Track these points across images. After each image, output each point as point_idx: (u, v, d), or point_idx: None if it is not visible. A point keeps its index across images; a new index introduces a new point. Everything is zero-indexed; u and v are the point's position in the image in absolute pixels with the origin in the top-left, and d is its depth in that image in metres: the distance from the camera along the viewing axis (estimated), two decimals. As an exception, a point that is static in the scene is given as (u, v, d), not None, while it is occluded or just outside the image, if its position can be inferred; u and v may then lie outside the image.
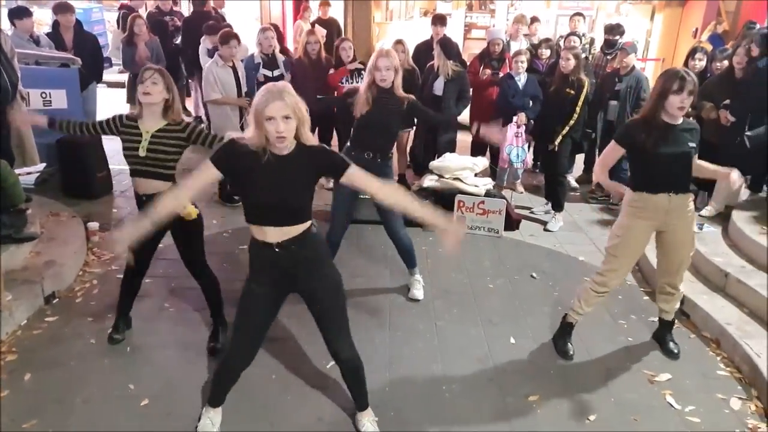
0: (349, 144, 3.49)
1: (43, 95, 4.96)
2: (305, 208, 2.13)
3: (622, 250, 2.91)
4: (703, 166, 2.92)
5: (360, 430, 2.50)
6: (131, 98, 5.97)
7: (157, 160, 2.69)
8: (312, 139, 2.09)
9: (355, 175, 2.09)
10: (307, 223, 2.15)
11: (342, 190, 3.50)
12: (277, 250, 2.11)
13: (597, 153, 5.57)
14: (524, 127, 4.97)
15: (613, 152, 2.88)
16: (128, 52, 5.86)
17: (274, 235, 2.10)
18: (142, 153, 2.67)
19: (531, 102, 5.01)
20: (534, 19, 6.57)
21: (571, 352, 3.11)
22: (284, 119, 1.95)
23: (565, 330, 3.17)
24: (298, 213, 2.11)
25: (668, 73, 2.73)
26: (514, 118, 4.98)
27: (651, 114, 2.74)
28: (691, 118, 2.91)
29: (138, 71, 4.91)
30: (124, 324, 3.10)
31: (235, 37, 4.65)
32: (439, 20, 5.70)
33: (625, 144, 2.81)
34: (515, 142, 5.06)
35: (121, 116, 2.78)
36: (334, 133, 5.38)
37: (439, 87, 4.99)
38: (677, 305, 3.17)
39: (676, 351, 3.14)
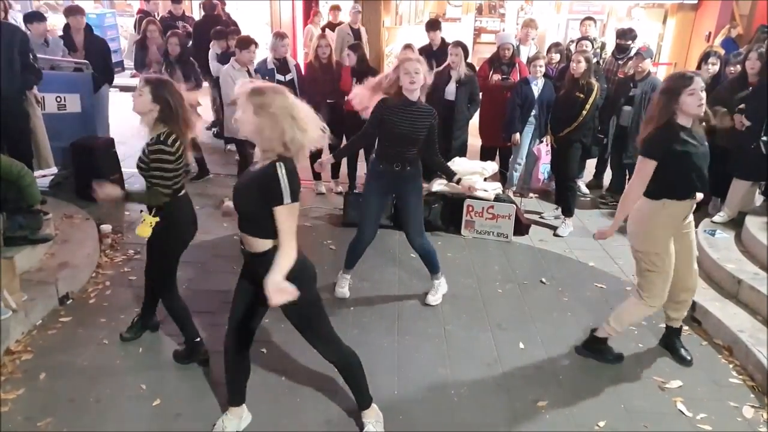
0: (375, 155, 3.44)
1: (58, 99, 5.05)
2: (257, 220, 2.05)
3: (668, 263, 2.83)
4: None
5: (363, 431, 2.51)
6: None
7: (143, 170, 2.58)
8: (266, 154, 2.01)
9: (280, 214, 1.99)
10: (267, 244, 2.10)
11: (372, 197, 3.45)
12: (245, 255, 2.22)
13: (608, 159, 5.56)
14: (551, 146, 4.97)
15: (648, 168, 2.72)
16: (140, 55, 5.95)
17: (243, 240, 2.19)
18: (139, 163, 2.57)
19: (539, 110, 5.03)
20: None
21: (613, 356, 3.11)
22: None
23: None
24: (251, 224, 2.11)
25: (675, 75, 2.71)
26: (545, 139, 5.02)
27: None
28: (704, 123, 2.88)
29: (149, 73, 4.95)
30: (142, 326, 3.11)
31: (254, 42, 4.70)
32: (431, 26, 5.75)
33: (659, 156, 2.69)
34: (546, 160, 5.07)
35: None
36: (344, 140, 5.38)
37: (450, 92, 5.01)
38: (685, 312, 3.14)
39: (688, 357, 3.12)
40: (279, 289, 1.95)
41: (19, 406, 2.58)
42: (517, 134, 5.10)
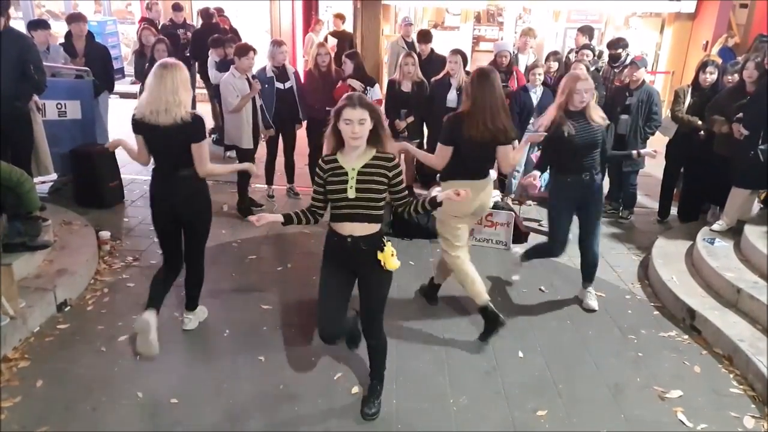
0: (557, 169, 3.57)
1: (59, 106, 5.07)
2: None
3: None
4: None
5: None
6: None
7: (369, 200, 2.37)
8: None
9: None
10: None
11: (566, 212, 3.59)
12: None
13: (606, 167, 5.57)
14: None
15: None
16: (139, 63, 5.97)
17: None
18: (351, 194, 2.36)
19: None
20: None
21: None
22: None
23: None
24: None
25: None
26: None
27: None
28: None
29: None
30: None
31: (252, 49, 4.71)
32: (423, 37, 5.85)
33: None
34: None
35: (320, 160, 2.49)
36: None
37: (452, 99, 5.03)
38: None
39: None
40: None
41: (15, 414, 2.57)
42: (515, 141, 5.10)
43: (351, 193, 2.35)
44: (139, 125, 2.83)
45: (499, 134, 3.10)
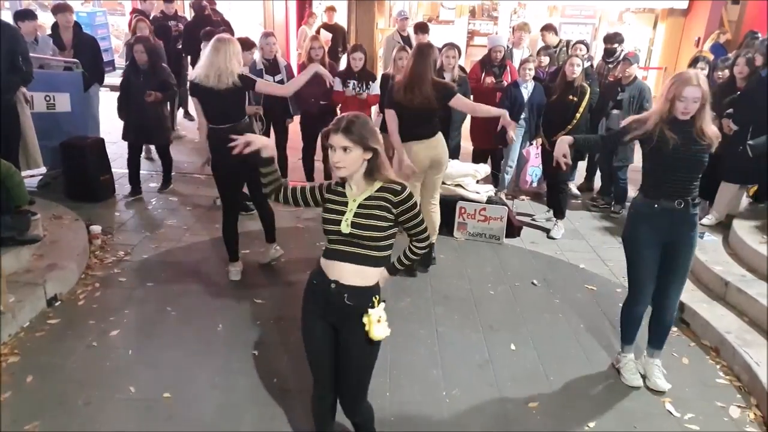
0: (643, 193, 2.77)
1: (47, 98, 5.00)
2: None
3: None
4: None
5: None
6: None
7: (366, 238, 1.95)
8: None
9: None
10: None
11: (647, 251, 2.75)
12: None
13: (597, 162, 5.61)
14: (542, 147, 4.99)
15: None
16: (131, 54, 5.88)
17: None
18: (344, 229, 1.94)
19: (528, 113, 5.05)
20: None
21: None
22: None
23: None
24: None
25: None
26: (535, 142, 5.05)
27: None
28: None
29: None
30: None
31: (255, 45, 4.68)
32: (420, 28, 5.83)
33: None
34: (535, 163, 5.10)
35: (330, 182, 2.08)
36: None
37: None
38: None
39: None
40: None
41: (6, 409, 2.55)
42: (512, 132, 5.07)
43: (345, 228, 1.93)
44: (195, 88, 3.33)
45: (424, 102, 3.53)
